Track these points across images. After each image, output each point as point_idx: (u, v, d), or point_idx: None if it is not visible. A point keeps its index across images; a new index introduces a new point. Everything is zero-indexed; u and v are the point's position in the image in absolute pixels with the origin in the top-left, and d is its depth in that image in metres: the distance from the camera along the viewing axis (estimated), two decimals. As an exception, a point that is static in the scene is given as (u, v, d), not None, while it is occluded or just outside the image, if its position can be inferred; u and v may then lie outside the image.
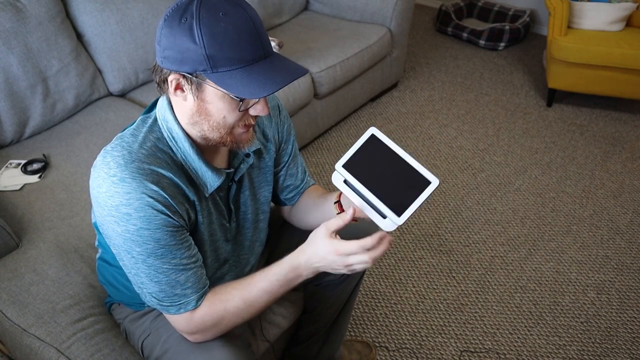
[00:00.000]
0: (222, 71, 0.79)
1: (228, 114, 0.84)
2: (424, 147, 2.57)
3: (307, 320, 1.38)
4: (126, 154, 0.85)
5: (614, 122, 2.79)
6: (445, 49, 3.54)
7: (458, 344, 1.66)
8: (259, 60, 0.80)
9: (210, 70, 0.79)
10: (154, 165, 0.86)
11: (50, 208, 1.51)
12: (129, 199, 0.83)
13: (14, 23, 1.72)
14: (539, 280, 1.88)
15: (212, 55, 0.78)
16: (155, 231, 0.85)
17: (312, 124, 2.43)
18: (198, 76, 0.80)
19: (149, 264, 0.88)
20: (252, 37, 0.79)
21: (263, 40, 0.81)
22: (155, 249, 0.86)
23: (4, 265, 1.33)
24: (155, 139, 0.90)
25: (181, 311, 0.91)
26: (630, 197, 2.28)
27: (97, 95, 1.99)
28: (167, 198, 0.85)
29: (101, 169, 0.85)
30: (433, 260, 1.95)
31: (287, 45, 2.44)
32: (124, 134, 0.90)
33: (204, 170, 0.92)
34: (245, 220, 1.09)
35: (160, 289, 0.90)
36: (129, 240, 0.86)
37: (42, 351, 1.14)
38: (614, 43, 2.57)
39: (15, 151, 1.76)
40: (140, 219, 0.84)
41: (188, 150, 0.90)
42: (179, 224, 0.88)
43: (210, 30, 0.77)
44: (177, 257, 0.88)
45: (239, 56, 0.78)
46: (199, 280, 0.92)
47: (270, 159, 1.09)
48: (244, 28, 0.79)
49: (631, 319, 1.75)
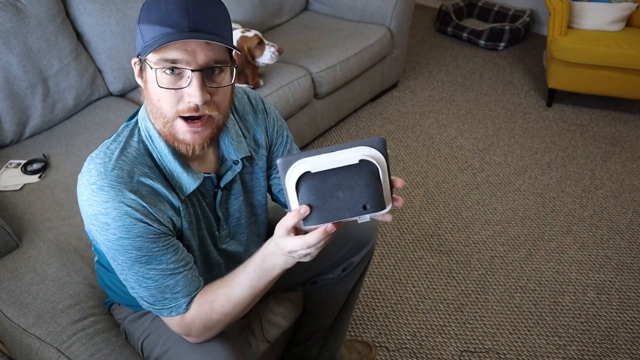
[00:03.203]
0: (148, 43, 0.80)
1: (161, 97, 0.82)
2: (424, 147, 2.57)
3: (307, 321, 1.38)
4: (107, 162, 0.85)
5: (614, 122, 2.79)
6: (445, 49, 3.54)
7: (458, 344, 1.66)
8: (180, 32, 0.78)
9: (143, 44, 0.80)
10: (134, 172, 0.86)
11: (50, 208, 1.51)
12: (107, 207, 0.82)
13: (14, 23, 1.72)
14: (539, 280, 1.88)
15: (143, 29, 0.80)
16: (136, 240, 0.84)
17: (312, 124, 2.43)
18: (142, 54, 0.81)
19: (135, 271, 0.87)
20: (179, 11, 0.78)
21: (193, 15, 0.79)
22: (138, 257, 0.86)
23: (4, 265, 1.33)
24: (136, 142, 0.89)
25: (172, 314, 0.91)
26: (630, 197, 2.28)
27: (97, 95, 1.99)
28: (145, 206, 0.84)
29: (84, 176, 0.85)
30: (433, 260, 1.95)
31: (287, 45, 2.44)
32: (108, 140, 0.90)
33: (179, 171, 0.90)
34: (239, 226, 1.08)
35: (150, 294, 0.89)
36: (112, 249, 0.86)
37: (42, 351, 1.14)
38: (614, 43, 2.57)
39: (15, 151, 1.76)
40: (119, 228, 0.83)
41: (163, 150, 0.89)
42: (161, 231, 0.87)
43: (147, 7, 0.80)
44: (163, 263, 0.87)
45: (160, 27, 0.78)
46: (189, 283, 0.91)
47: (262, 164, 1.07)
48: (173, 2, 0.79)
49: (631, 319, 1.75)
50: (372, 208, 0.70)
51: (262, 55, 2.00)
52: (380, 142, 0.69)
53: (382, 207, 0.71)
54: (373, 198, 0.70)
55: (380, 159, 0.70)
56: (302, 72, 2.25)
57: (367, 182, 0.69)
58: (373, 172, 0.69)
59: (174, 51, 0.79)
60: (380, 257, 1.96)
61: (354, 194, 0.69)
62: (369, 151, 0.69)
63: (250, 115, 1.04)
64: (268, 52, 2.00)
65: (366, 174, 0.69)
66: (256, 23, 2.56)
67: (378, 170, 0.69)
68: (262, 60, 2.01)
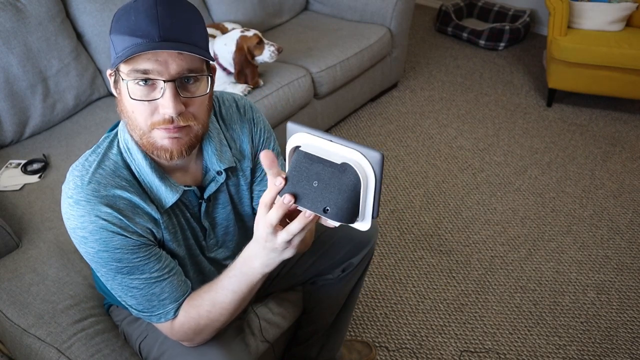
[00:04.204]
0: (119, 54, 0.78)
1: (135, 109, 0.80)
2: (424, 147, 2.57)
3: (307, 321, 1.38)
4: (84, 174, 0.84)
5: (614, 122, 2.78)
6: (445, 49, 3.54)
7: (458, 344, 1.66)
8: (150, 42, 0.76)
9: (115, 55, 0.79)
10: (110, 186, 0.84)
11: (50, 208, 1.50)
12: (83, 222, 0.82)
13: (14, 23, 1.72)
14: (539, 280, 1.88)
15: (114, 40, 0.78)
16: (115, 252, 0.84)
17: (312, 124, 2.43)
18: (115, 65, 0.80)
19: (119, 282, 0.87)
20: (148, 20, 0.76)
21: (163, 25, 0.76)
22: (119, 268, 0.85)
23: (4, 265, 1.33)
24: (114, 155, 0.88)
25: (162, 320, 0.91)
26: (630, 197, 2.28)
27: (97, 95, 1.99)
28: (122, 219, 0.84)
29: (64, 189, 0.85)
30: (433, 260, 1.95)
31: (287, 45, 2.44)
32: (88, 151, 0.89)
33: (157, 184, 0.88)
34: (227, 234, 1.06)
35: (137, 302, 0.89)
36: (93, 262, 0.86)
37: (42, 351, 1.14)
38: (614, 43, 2.57)
39: (15, 151, 1.76)
40: (97, 242, 0.83)
41: (141, 163, 0.87)
42: (140, 242, 0.86)
43: (117, 17, 0.79)
44: (146, 272, 0.87)
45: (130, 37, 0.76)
46: (175, 289, 0.90)
47: (247, 174, 1.03)
48: (142, 11, 0.76)
49: (631, 319, 1.75)
50: (332, 215, 0.65)
51: (261, 54, 2.01)
52: (375, 157, 0.63)
53: (345, 220, 0.66)
54: (338, 206, 0.65)
55: (367, 173, 0.64)
56: (302, 72, 2.25)
57: (342, 188, 0.64)
58: (353, 182, 0.64)
59: (145, 62, 0.77)
60: (380, 257, 1.96)
61: (325, 192, 0.66)
62: (360, 160, 0.64)
63: (237, 124, 1.01)
64: (267, 51, 2.00)
65: (346, 180, 0.64)
66: (256, 23, 2.56)
67: (359, 182, 0.64)
68: (261, 58, 2.02)
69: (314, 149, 0.67)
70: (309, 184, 0.66)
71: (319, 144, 0.67)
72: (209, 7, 2.45)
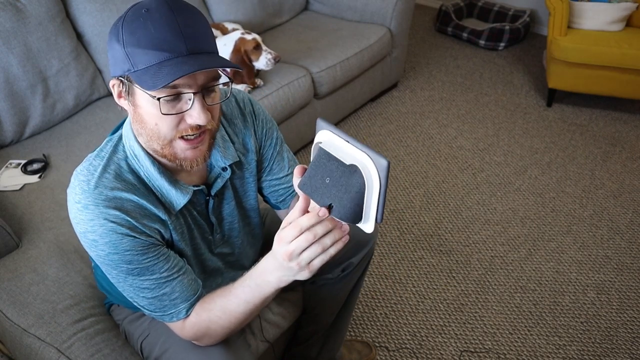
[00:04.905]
0: (141, 68, 0.76)
1: (159, 121, 0.80)
2: (424, 147, 2.57)
3: (307, 321, 1.38)
4: (90, 179, 0.84)
5: (614, 122, 2.79)
6: (445, 49, 3.54)
7: (458, 344, 1.66)
8: (179, 57, 0.76)
9: (132, 69, 0.77)
10: (117, 190, 0.85)
11: (50, 208, 1.51)
12: (93, 225, 0.83)
13: (14, 23, 1.72)
14: (539, 280, 1.88)
15: (131, 53, 0.76)
16: (125, 254, 0.84)
17: (312, 124, 2.43)
18: (127, 78, 0.79)
19: (130, 283, 0.88)
20: (172, 33, 0.75)
21: (187, 37, 0.76)
22: (130, 270, 0.86)
23: (4, 265, 1.33)
24: (120, 159, 0.88)
25: (174, 320, 0.91)
26: (630, 197, 2.28)
27: (97, 95, 1.99)
28: (130, 221, 0.84)
29: (70, 193, 0.85)
30: (433, 260, 1.95)
31: (287, 45, 2.44)
32: (91, 155, 0.89)
33: (167, 189, 0.89)
34: (232, 229, 1.07)
35: (148, 302, 0.90)
36: (104, 265, 0.87)
37: (42, 351, 1.14)
38: (614, 43, 2.57)
39: (15, 151, 1.76)
40: (107, 245, 0.83)
41: (150, 169, 0.88)
42: (149, 242, 0.86)
43: (129, 27, 0.76)
44: (156, 273, 0.87)
45: (155, 52, 0.75)
46: (186, 288, 0.91)
47: (252, 168, 1.05)
48: (162, 23, 0.75)
49: (631, 319, 1.75)
50: (336, 212, 0.69)
51: (257, 60, 2.00)
52: (381, 163, 0.65)
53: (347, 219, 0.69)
54: (342, 205, 0.68)
55: (372, 177, 0.66)
56: (302, 72, 2.25)
57: (348, 188, 0.67)
58: (359, 184, 0.67)
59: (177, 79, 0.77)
60: (380, 257, 1.96)
61: (333, 189, 0.69)
62: (367, 163, 0.66)
63: (239, 119, 1.02)
64: (264, 59, 1.99)
65: (353, 181, 0.67)
66: (256, 23, 2.56)
67: (364, 185, 0.67)
68: (257, 65, 2.01)
69: (332, 147, 0.70)
70: (322, 180, 0.70)
71: (337, 143, 0.70)
72: (209, 7, 2.45)
